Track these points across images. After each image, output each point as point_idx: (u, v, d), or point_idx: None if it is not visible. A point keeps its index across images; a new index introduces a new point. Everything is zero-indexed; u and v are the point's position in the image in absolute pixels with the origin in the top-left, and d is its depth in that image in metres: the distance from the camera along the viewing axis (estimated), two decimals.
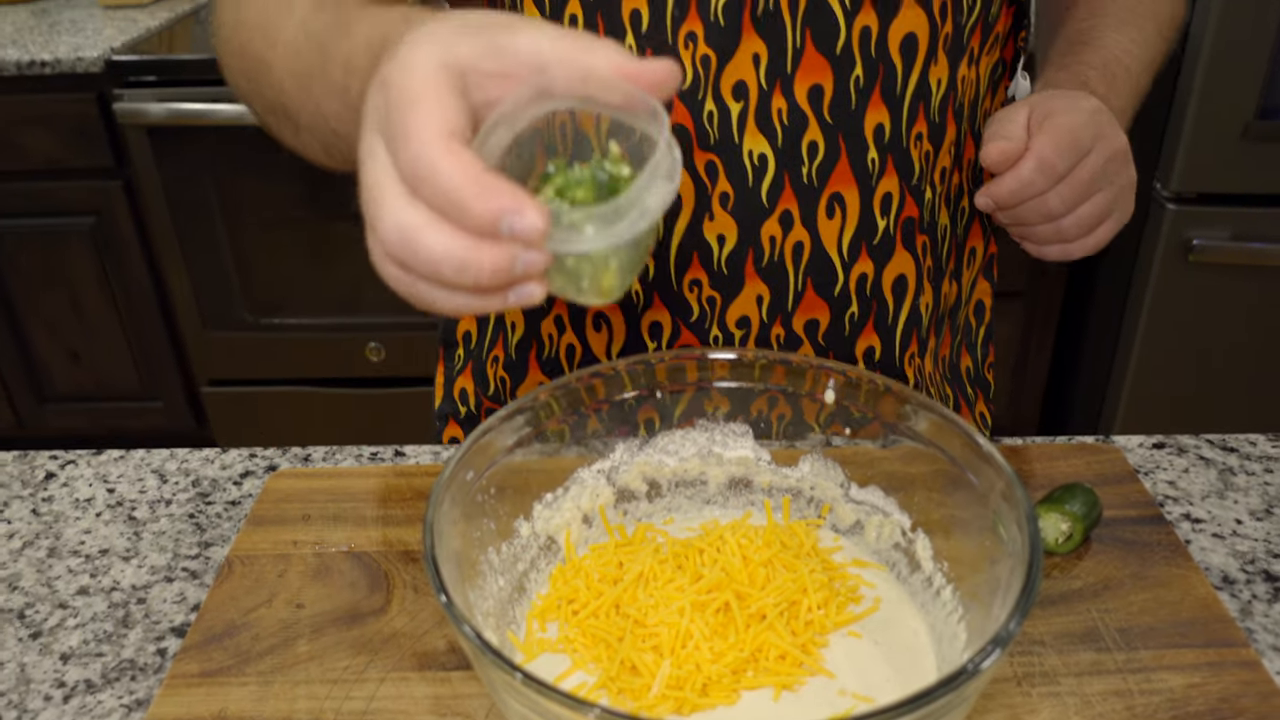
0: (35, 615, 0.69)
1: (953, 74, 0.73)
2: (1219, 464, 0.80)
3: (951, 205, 0.81)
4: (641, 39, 0.69)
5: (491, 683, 0.47)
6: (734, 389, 0.65)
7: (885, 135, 0.73)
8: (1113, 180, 0.74)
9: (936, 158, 0.76)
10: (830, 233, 0.74)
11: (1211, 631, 0.63)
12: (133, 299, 2.12)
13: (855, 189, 0.73)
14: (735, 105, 0.71)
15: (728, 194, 0.73)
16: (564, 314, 0.80)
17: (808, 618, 0.57)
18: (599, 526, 0.65)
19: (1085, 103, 0.73)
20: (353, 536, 0.72)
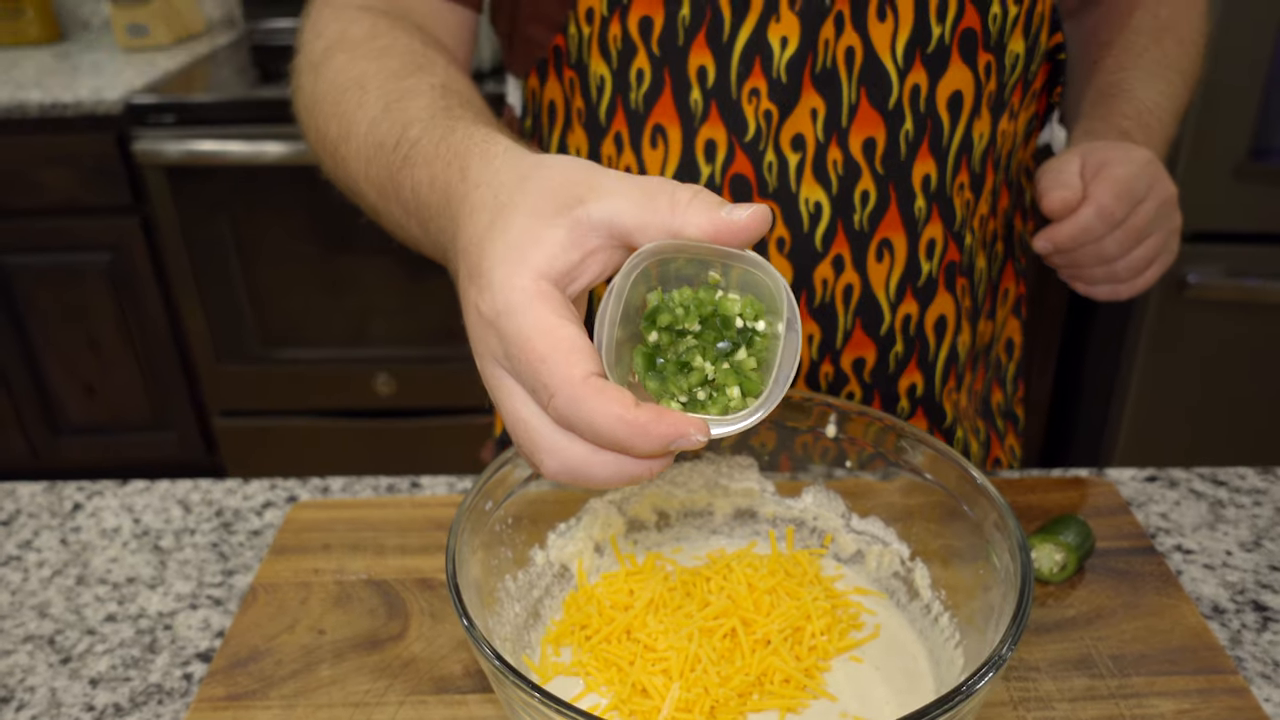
0: (65, 641, 0.71)
1: (994, 128, 0.77)
2: (1210, 497, 0.83)
3: (988, 249, 0.85)
4: (707, 93, 0.74)
5: (510, 703, 0.50)
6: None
7: (932, 185, 0.77)
8: (1162, 225, 0.79)
9: (976, 205, 0.80)
10: (879, 276, 0.78)
11: (1202, 659, 0.65)
12: (147, 332, 2.15)
13: (903, 235, 0.78)
14: (794, 156, 0.75)
15: (784, 239, 0.77)
16: None
17: (811, 643, 0.59)
18: (610, 555, 0.68)
19: (1138, 154, 0.77)
20: (372, 565, 0.75)
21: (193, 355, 2.18)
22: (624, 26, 0.74)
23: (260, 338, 2.15)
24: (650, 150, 0.76)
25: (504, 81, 1.00)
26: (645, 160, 0.77)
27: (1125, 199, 0.75)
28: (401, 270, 2.06)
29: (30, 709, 0.66)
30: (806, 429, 0.67)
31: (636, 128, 0.76)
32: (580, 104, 0.78)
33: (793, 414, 0.67)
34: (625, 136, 0.77)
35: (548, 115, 0.82)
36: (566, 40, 0.77)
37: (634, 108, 0.76)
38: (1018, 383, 0.98)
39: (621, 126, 0.77)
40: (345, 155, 0.66)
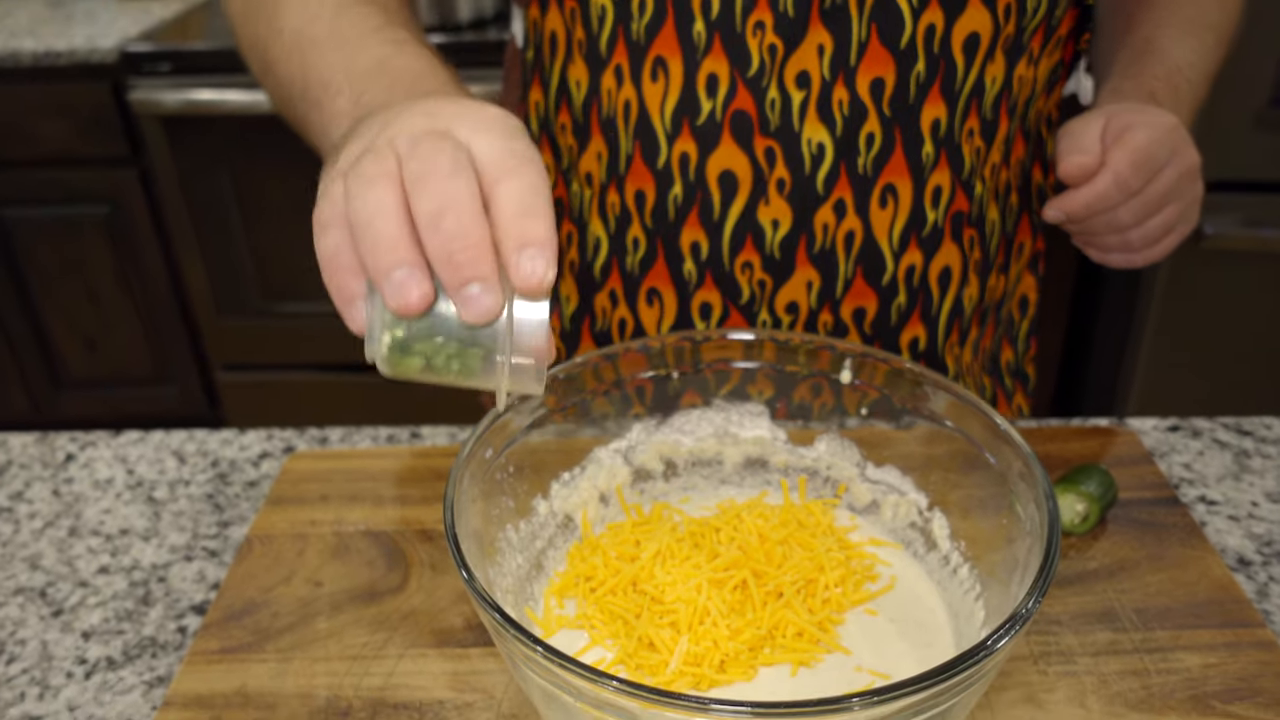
0: (56, 594, 0.69)
1: (1009, 73, 0.74)
2: (1234, 447, 0.80)
3: (1001, 200, 0.82)
4: (710, 25, 0.70)
5: (512, 657, 0.48)
6: (751, 369, 0.65)
7: (941, 130, 0.74)
8: (1183, 195, 0.75)
9: (988, 154, 0.77)
10: (882, 223, 0.75)
11: (1228, 612, 0.63)
12: (148, 286, 2.13)
13: (909, 181, 0.74)
14: (798, 94, 0.72)
15: (784, 180, 0.74)
16: (618, 289, 0.82)
17: (824, 595, 0.57)
18: (616, 505, 0.65)
19: (1163, 119, 0.73)
20: (370, 516, 0.73)
21: (194, 309, 2.16)
22: None
23: (262, 291, 2.12)
24: (650, 84, 0.73)
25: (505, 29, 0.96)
26: (645, 94, 0.74)
27: (1144, 167, 0.71)
28: None
29: (21, 662, 0.64)
30: (820, 374, 0.64)
31: (637, 59, 0.73)
32: (581, 35, 0.75)
33: (806, 359, 0.64)
34: (626, 69, 0.74)
35: (549, 46, 0.79)
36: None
37: (635, 39, 0.73)
38: (1030, 341, 0.95)
39: (622, 58, 0.74)
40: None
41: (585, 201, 0.82)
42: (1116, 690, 0.58)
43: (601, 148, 0.78)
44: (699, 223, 0.76)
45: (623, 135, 0.77)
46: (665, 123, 0.74)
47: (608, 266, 0.82)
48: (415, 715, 0.58)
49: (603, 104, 0.77)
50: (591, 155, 0.79)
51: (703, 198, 0.75)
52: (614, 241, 0.81)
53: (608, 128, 0.77)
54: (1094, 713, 0.57)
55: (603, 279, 0.82)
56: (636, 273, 0.80)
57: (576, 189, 0.82)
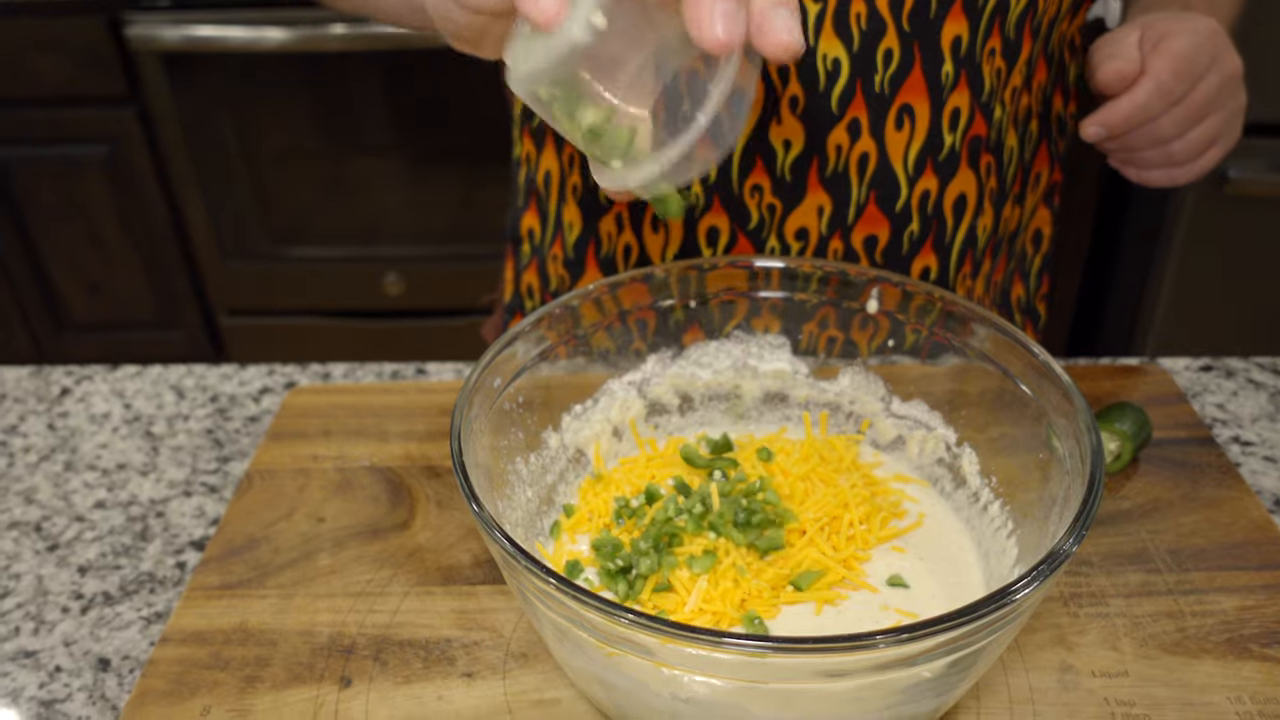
0: (52, 528, 0.67)
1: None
2: (1270, 387, 0.77)
3: (1020, 127, 0.78)
4: None
5: (523, 591, 0.45)
6: (775, 298, 0.62)
7: (961, 48, 0.70)
8: (1225, 104, 0.72)
9: (1009, 76, 0.73)
10: (897, 145, 0.72)
11: (1266, 554, 0.61)
12: (150, 228, 2.10)
13: (926, 101, 0.71)
14: (814, 6, 0.68)
15: (797, 98, 0.70)
16: (624, 213, 0.78)
17: (849, 533, 0.55)
18: (629, 439, 0.63)
19: (1202, 24, 0.70)
20: (375, 452, 0.70)
21: (197, 253, 2.13)
22: None
23: (266, 235, 2.09)
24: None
25: None
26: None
27: (1186, 74, 0.68)
28: (411, 168, 1.98)
29: (16, 596, 0.62)
30: (845, 304, 0.61)
31: None
32: None
33: (831, 286, 0.61)
34: None
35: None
36: None
37: None
38: (1042, 277, 0.92)
39: None
40: None
41: None
42: (1150, 633, 0.56)
43: None
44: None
45: None
46: None
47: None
48: (421, 653, 0.56)
49: None
50: None
51: None
52: None
53: None
54: (1126, 655, 0.55)
55: (608, 203, 0.79)
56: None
57: None
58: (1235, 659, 0.55)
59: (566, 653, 0.47)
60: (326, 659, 0.55)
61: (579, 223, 0.82)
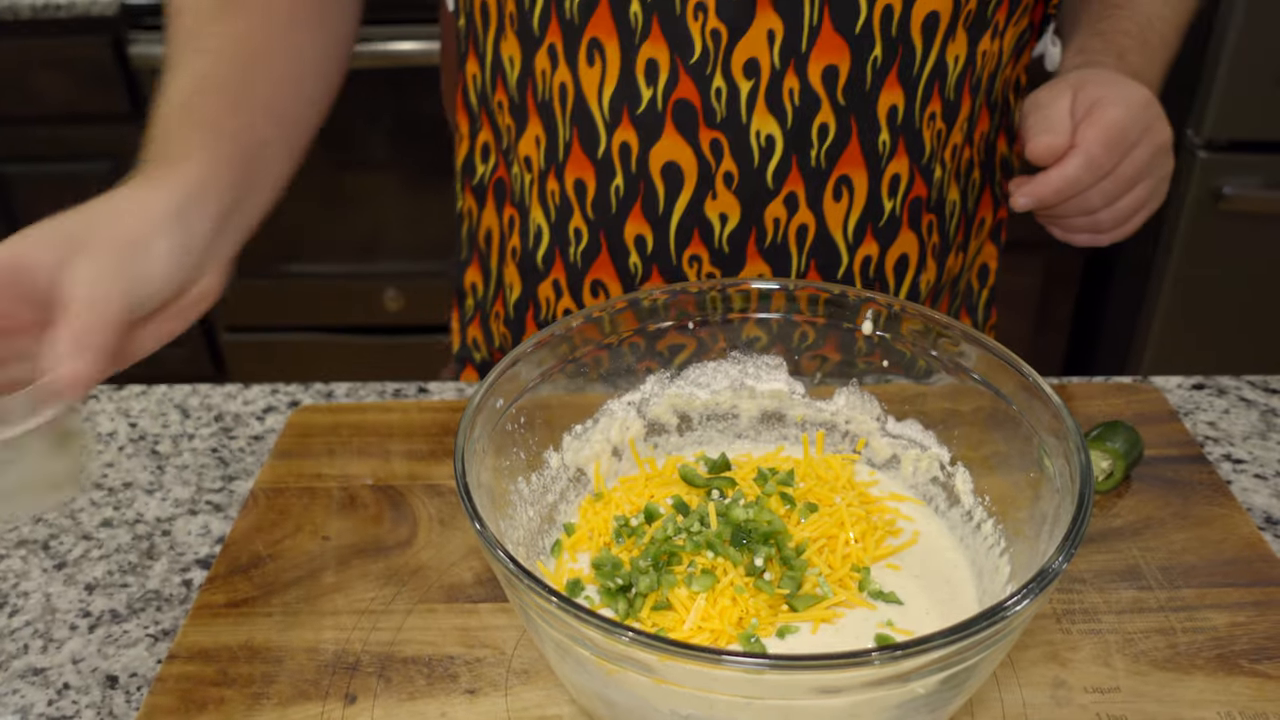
0: (60, 546, 0.68)
1: (971, 50, 0.70)
2: (1260, 405, 0.78)
3: (962, 180, 0.78)
4: (647, 7, 0.66)
5: (525, 609, 0.46)
6: (771, 319, 0.64)
7: (899, 117, 0.70)
8: (1153, 172, 0.72)
9: (949, 136, 0.73)
10: (836, 215, 0.72)
11: (1256, 571, 0.62)
12: None
13: (864, 171, 0.71)
14: (745, 83, 0.68)
15: (731, 174, 0.70)
16: (561, 279, 0.79)
17: (845, 551, 0.56)
18: (629, 459, 0.64)
19: (1135, 94, 0.69)
20: (377, 470, 0.71)
21: None
22: None
23: (266, 252, 2.10)
24: (586, 67, 0.69)
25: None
26: (581, 78, 0.69)
27: (1116, 147, 0.68)
28: (409, 185, 2.00)
29: (24, 614, 0.63)
30: (841, 325, 0.62)
31: (571, 40, 0.69)
32: (512, 8, 0.71)
33: (826, 309, 0.62)
34: (560, 49, 0.69)
35: (480, 16, 0.74)
36: None
37: (568, 17, 0.68)
38: (990, 309, 0.92)
39: (555, 38, 0.69)
40: None
41: (526, 186, 0.78)
42: (1142, 649, 0.57)
43: (539, 131, 0.74)
44: (643, 216, 0.73)
45: (560, 120, 0.72)
46: (604, 110, 0.70)
47: (550, 256, 0.78)
48: (425, 670, 0.56)
49: (538, 85, 0.72)
50: (529, 138, 0.75)
51: (646, 190, 0.72)
52: (555, 232, 0.77)
53: (544, 110, 0.73)
54: (1119, 671, 0.56)
55: (546, 269, 0.79)
56: (580, 264, 0.77)
57: (517, 171, 0.78)
58: (1226, 675, 0.55)
59: (568, 670, 0.48)
60: (331, 676, 0.56)
61: (519, 285, 0.82)
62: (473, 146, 0.83)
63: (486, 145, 0.82)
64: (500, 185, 0.81)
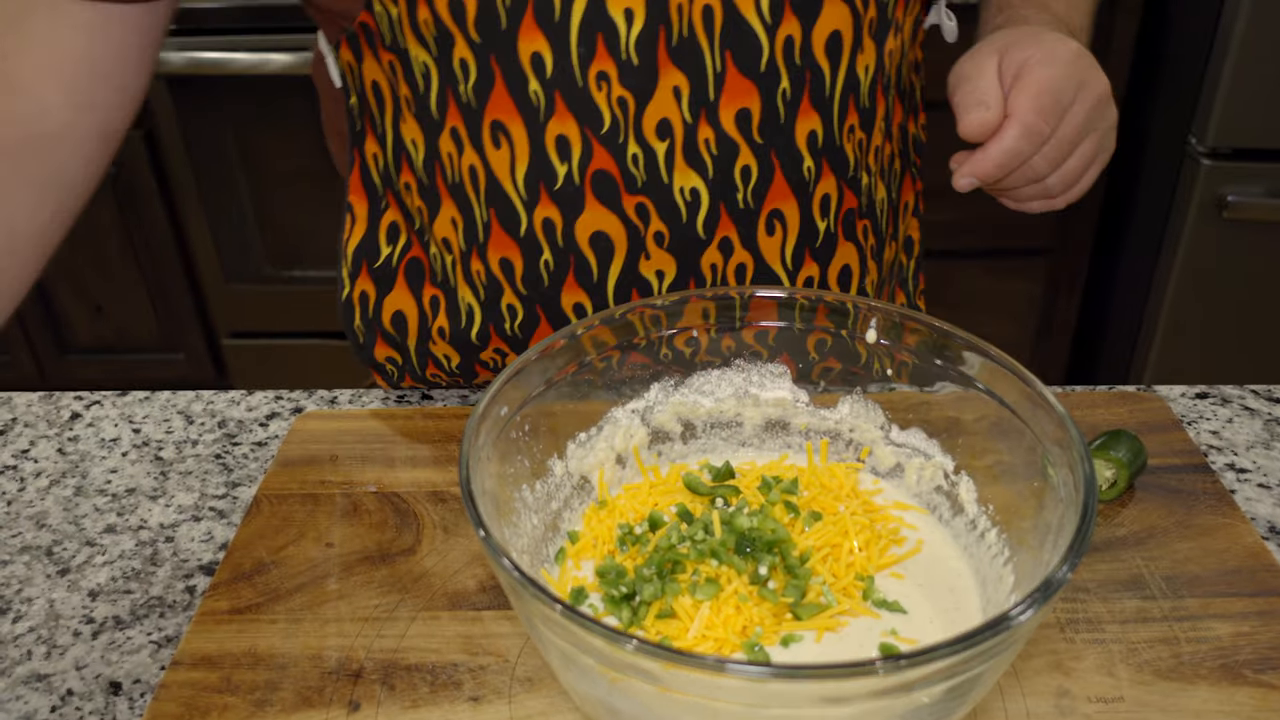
0: (63, 552, 0.68)
1: (880, 54, 0.69)
2: (1264, 414, 0.78)
3: (887, 175, 0.77)
4: (547, 84, 0.65)
5: (529, 617, 0.46)
6: (774, 328, 0.64)
7: (819, 140, 0.69)
8: (1096, 126, 0.67)
9: (870, 141, 0.73)
10: (772, 248, 0.72)
11: (1260, 581, 0.62)
12: (154, 250, 2.11)
13: (794, 201, 0.71)
14: (660, 144, 0.67)
15: (662, 233, 0.70)
16: (503, 347, 0.79)
17: (848, 560, 0.56)
18: (633, 467, 0.64)
19: (1061, 48, 0.65)
20: (381, 477, 0.71)
21: (200, 274, 2.14)
22: (432, 9, 0.64)
23: (269, 257, 2.11)
24: (494, 150, 0.68)
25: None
26: (490, 160, 0.68)
27: (1052, 110, 0.63)
28: None
29: (28, 620, 0.63)
30: (845, 334, 0.62)
31: (473, 124, 0.67)
32: (406, 91, 0.69)
33: (830, 317, 0.62)
34: (463, 133, 0.68)
35: (374, 97, 0.73)
36: (374, 18, 0.67)
37: (465, 101, 0.67)
38: (919, 277, 0.91)
39: (457, 121, 0.68)
40: None
41: (448, 266, 0.76)
42: (1145, 659, 0.57)
43: (454, 213, 0.73)
44: (578, 285, 0.72)
45: (475, 202, 0.71)
46: (519, 189, 0.69)
47: (485, 333, 0.77)
48: (429, 678, 0.56)
49: (446, 168, 0.71)
50: (444, 220, 0.74)
51: (577, 261, 0.71)
52: (487, 309, 0.76)
53: (456, 193, 0.71)
54: (1122, 681, 0.56)
55: (483, 343, 0.78)
56: (519, 335, 0.76)
57: (435, 252, 0.77)
58: (1230, 685, 0.55)
59: (572, 678, 0.48)
60: (335, 683, 0.56)
61: (456, 356, 0.82)
62: (374, 227, 0.81)
63: (395, 225, 0.80)
64: (415, 266, 0.79)
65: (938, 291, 1.66)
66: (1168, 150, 1.81)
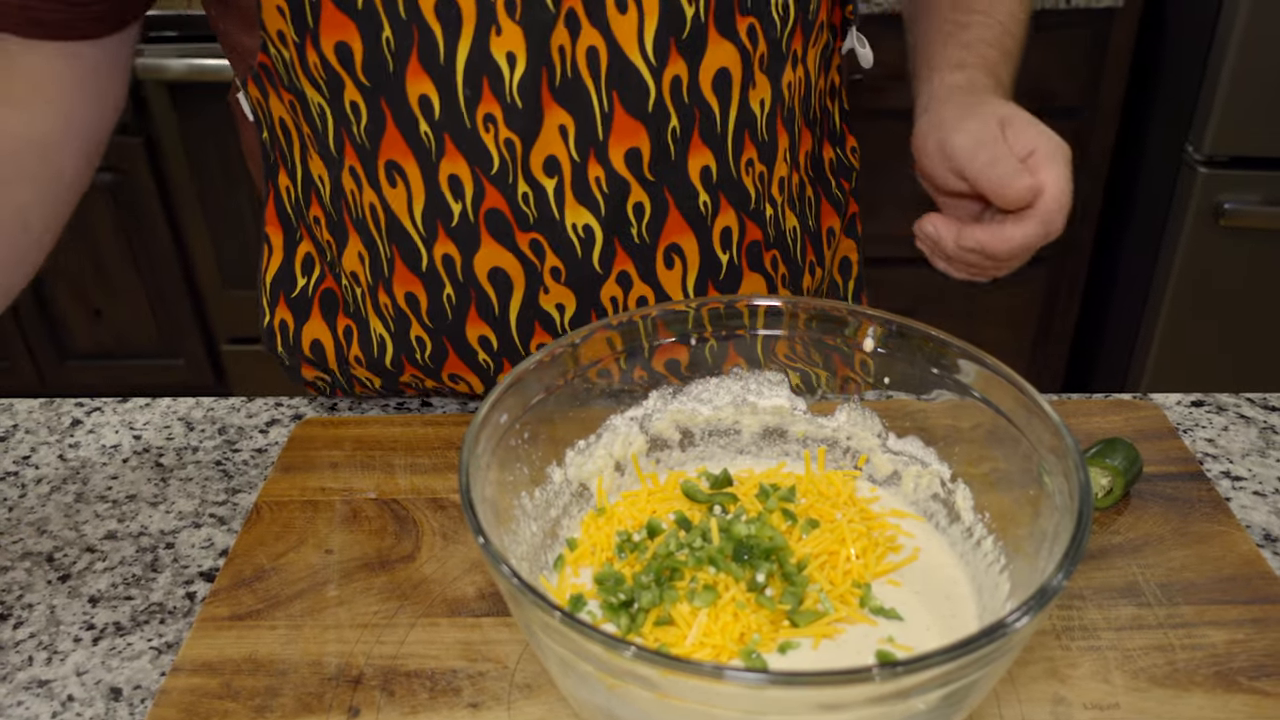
0: (64, 559, 0.68)
1: (776, 87, 0.69)
2: (1260, 422, 0.79)
3: (797, 205, 0.77)
4: (436, 125, 0.66)
5: (528, 624, 0.47)
6: (772, 337, 0.64)
7: (714, 175, 0.69)
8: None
9: (772, 173, 0.73)
10: (673, 281, 0.72)
11: (1255, 588, 0.62)
12: (153, 257, 2.12)
13: (691, 235, 0.71)
14: (549, 181, 0.67)
15: (558, 268, 0.71)
16: (419, 374, 0.80)
17: (846, 567, 0.56)
18: (631, 474, 0.64)
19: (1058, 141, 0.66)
20: (381, 484, 0.71)
21: (199, 280, 2.15)
22: (320, 53, 0.65)
23: None
24: (390, 188, 0.69)
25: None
26: (387, 198, 0.69)
27: (1065, 210, 0.65)
28: None
29: (29, 626, 0.63)
30: (842, 342, 0.63)
31: (369, 163, 0.69)
32: (308, 130, 0.71)
33: (828, 326, 0.63)
34: (360, 172, 0.70)
35: (281, 132, 0.74)
36: (271, 59, 0.69)
37: (360, 142, 0.68)
38: (860, 298, 0.91)
39: (354, 160, 0.69)
40: None
41: (358, 297, 0.78)
42: (1141, 666, 0.57)
43: (360, 248, 0.74)
44: (480, 319, 0.74)
45: (378, 238, 0.72)
46: (418, 226, 0.70)
47: (398, 360, 0.79)
48: (428, 684, 0.57)
49: (350, 204, 0.73)
50: (352, 254, 0.75)
51: (478, 295, 0.72)
52: (398, 339, 0.78)
53: (361, 228, 0.73)
54: (1118, 688, 0.56)
55: (398, 369, 0.80)
56: (432, 364, 0.78)
57: (346, 284, 0.78)
58: (1224, 692, 0.56)
59: (571, 685, 0.48)
60: (335, 689, 0.57)
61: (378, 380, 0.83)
62: (290, 258, 0.83)
63: (309, 256, 0.81)
64: (329, 296, 0.81)
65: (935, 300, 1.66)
66: (1165, 158, 1.81)
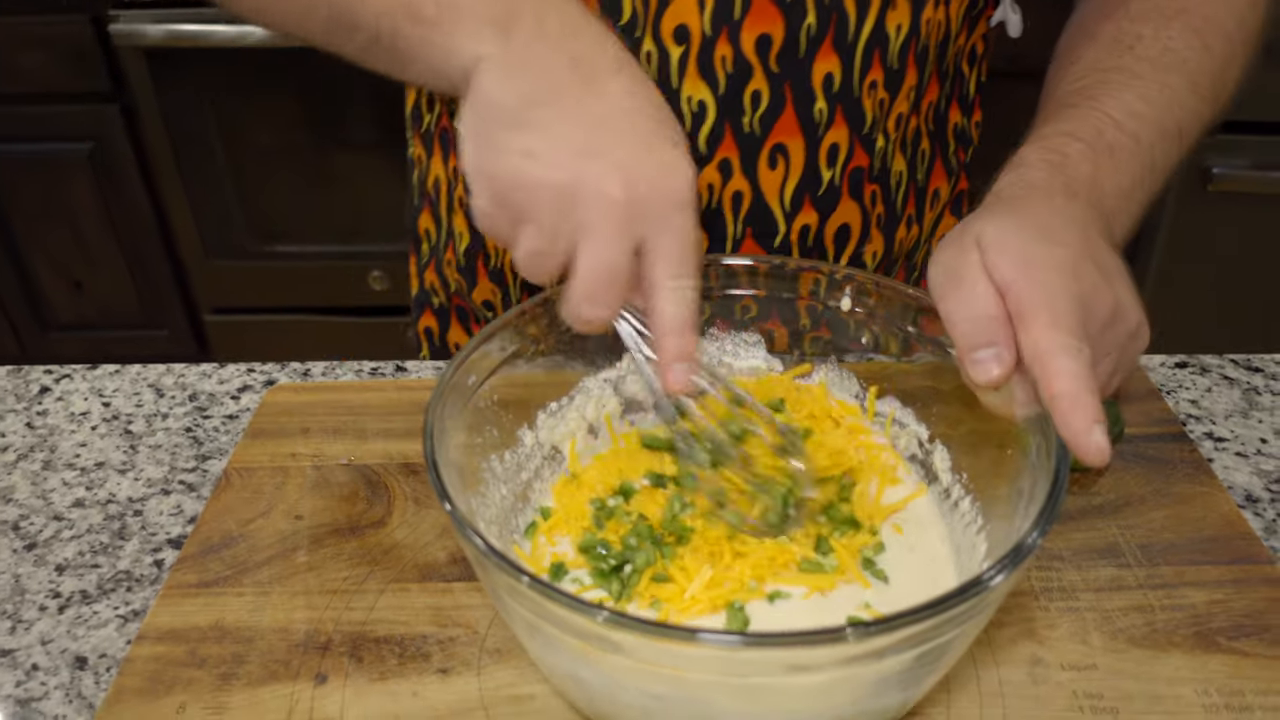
0: (30, 527, 0.67)
1: (915, 19, 0.68)
2: (1243, 383, 0.78)
3: (909, 150, 0.76)
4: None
5: (494, 588, 0.46)
6: (748, 295, 0.63)
7: (835, 85, 0.69)
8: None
9: (893, 105, 0.72)
10: (772, 183, 0.71)
11: (1235, 549, 0.61)
12: (133, 226, 2.09)
13: (800, 139, 0.70)
14: (676, 49, 0.67)
15: None
16: None
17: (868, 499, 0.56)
18: (605, 437, 0.63)
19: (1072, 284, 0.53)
20: (353, 449, 0.70)
21: (181, 250, 2.12)
22: None
23: (250, 232, 2.09)
24: None
25: None
26: None
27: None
28: (395, 164, 1.98)
29: None
30: (819, 301, 0.62)
31: None
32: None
33: (804, 285, 0.61)
34: None
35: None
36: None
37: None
38: None
39: None
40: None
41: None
42: (1120, 626, 0.57)
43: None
44: None
45: None
46: None
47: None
48: (397, 649, 0.56)
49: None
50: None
51: None
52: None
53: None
54: (1096, 649, 0.55)
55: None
56: None
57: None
58: (1203, 652, 0.55)
59: (539, 649, 0.47)
60: (303, 656, 0.56)
61: (467, 234, 0.82)
62: (420, 93, 0.83)
63: (432, 93, 0.82)
64: (446, 134, 0.81)
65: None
66: None
